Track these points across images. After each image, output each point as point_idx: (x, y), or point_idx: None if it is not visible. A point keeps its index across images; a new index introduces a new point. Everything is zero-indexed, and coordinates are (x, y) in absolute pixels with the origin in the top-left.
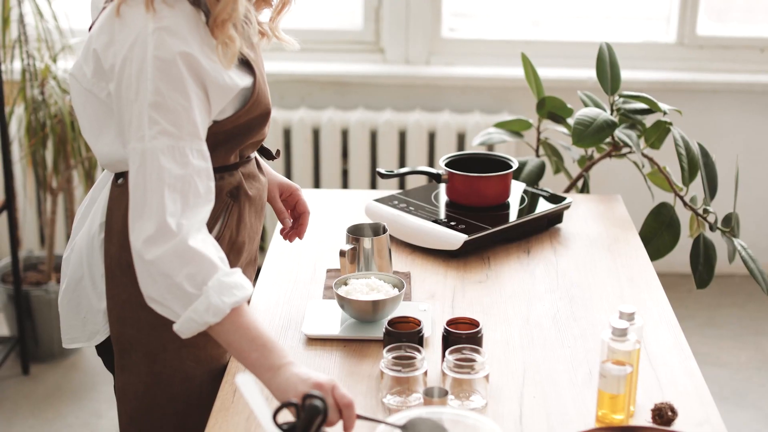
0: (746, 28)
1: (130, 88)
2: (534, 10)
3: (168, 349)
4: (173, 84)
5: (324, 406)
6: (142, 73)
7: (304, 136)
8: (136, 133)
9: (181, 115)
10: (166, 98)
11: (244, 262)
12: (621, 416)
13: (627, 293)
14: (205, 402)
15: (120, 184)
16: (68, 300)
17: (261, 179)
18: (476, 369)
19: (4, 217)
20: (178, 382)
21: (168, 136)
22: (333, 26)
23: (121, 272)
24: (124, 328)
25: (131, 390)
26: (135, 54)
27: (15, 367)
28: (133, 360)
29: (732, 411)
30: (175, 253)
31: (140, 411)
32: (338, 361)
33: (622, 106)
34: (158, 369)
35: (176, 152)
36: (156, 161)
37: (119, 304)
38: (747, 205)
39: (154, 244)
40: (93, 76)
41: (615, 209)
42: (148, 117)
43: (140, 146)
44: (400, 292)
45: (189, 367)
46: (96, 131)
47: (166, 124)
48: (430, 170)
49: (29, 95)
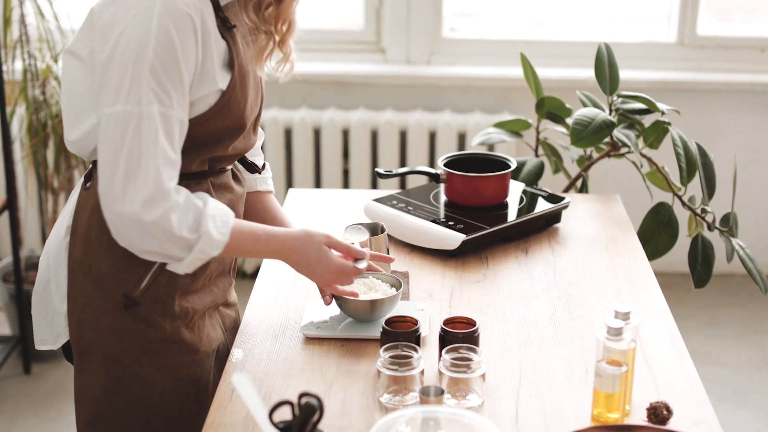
0: (747, 28)
1: (128, 49)
2: (535, 10)
3: (127, 354)
4: (173, 52)
5: (320, 405)
6: (145, 36)
7: (305, 135)
8: (131, 96)
9: (176, 85)
10: (165, 65)
11: (214, 273)
12: (616, 415)
13: (624, 293)
14: (168, 410)
15: (88, 187)
16: (38, 302)
17: (236, 190)
18: (473, 368)
19: (5, 217)
20: (138, 389)
21: (161, 104)
22: (334, 26)
23: (82, 275)
24: (83, 331)
25: (89, 393)
26: (139, 18)
27: (16, 366)
28: (92, 363)
29: (732, 410)
30: (171, 210)
31: (99, 415)
32: (336, 360)
33: (620, 106)
34: (117, 374)
35: (166, 120)
36: (153, 126)
37: (79, 307)
38: (746, 205)
39: (154, 206)
40: (80, 32)
41: (613, 209)
42: (146, 81)
43: (136, 109)
44: (398, 292)
45: (149, 374)
46: (75, 108)
47: (161, 92)
48: (429, 170)
49: (30, 95)
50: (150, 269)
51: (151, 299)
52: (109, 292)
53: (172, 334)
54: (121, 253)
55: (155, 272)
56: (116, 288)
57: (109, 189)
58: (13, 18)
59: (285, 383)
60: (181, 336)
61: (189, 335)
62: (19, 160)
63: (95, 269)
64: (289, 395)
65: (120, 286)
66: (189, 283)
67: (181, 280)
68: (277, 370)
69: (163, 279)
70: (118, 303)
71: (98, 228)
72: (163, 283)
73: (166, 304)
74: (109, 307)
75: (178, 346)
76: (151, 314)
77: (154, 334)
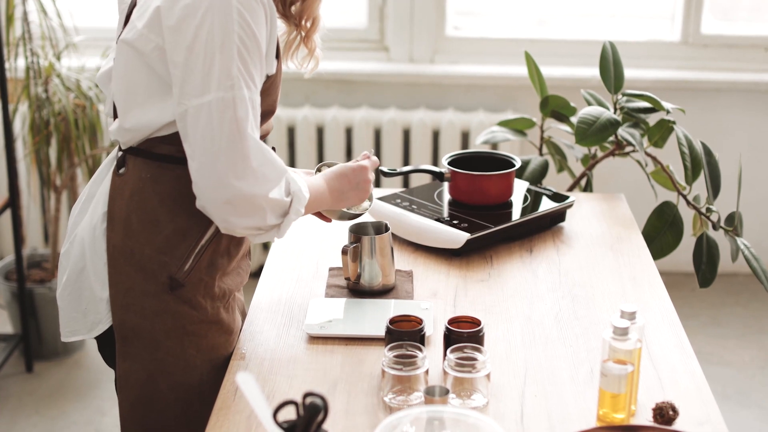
0: (751, 27)
1: (212, 38)
2: (539, 9)
3: (171, 336)
4: (253, 36)
5: (324, 405)
6: (228, 22)
7: (308, 134)
8: (222, 83)
9: (257, 68)
10: (249, 50)
11: (242, 254)
12: (622, 415)
13: (629, 292)
14: (206, 391)
15: (121, 173)
16: (69, 292)
17: None
18: (477, 368)
19: (8, 215)
20: (180, 371)
21: (248, 89)
22: (337, 24)
23: (124, 260)
24: (127, 315)
25: (133, 378)
26: (217, 6)
27: (19, 364)
28: (136, 348)
29: (736, 410)
30: (283, 182)
31: (142, 399)
32: (340, 359)
33: (625, 105)
34: (161, 356)
35: (253, 104)
36: (245, 108)
37: (122, 292)
38: (751, 204)
39: (269, 181)
40: (144, 27)
41: (618, 208)
42: (236, 66)
43: (229, 94)
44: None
45: (190, 356)
46: (125, 93)
47: (248, 77)
48: (433, 169)
49: (33, 93)
50: (194, 250)
51: (194, 280)
52: (152, 275)
53: (213, 315)
54: (163, 236)
55: (198, 253)
56: (160, 271)
57: (211, 176)
58: (16, 15)
59: (289, 382)
60: (219, 317)
61: (226, 316)
62: (21, 158)
63: (138, 253)
64: (293, 395)
65: (164, 269)
66: (226, 263)
67: (219, 261)
68: (281, 370)
69: (204, 260)
70: (162, 286)
71: (139, 212)
72: (204, 264)
73: (207, 285)
74: (153, 290)
75: (216, 327)
76: (194, 295)
77: (196, 316)
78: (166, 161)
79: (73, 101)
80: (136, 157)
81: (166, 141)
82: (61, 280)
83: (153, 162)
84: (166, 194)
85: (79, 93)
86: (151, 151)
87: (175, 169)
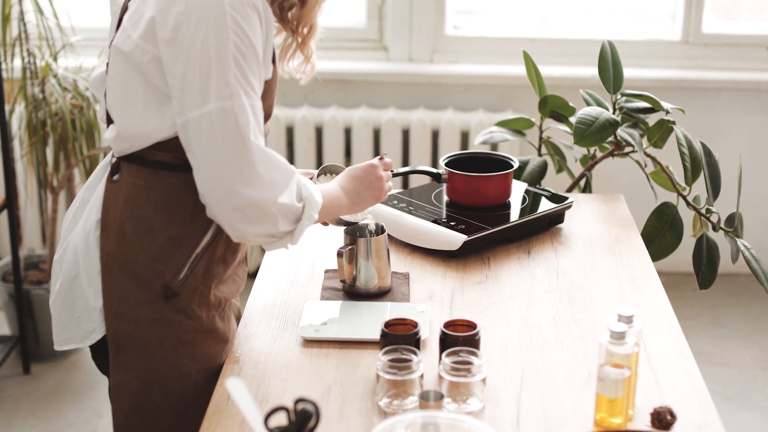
0: (751, 26)
1: (207, 47)
2: (538, 8)
3: (165, 345)
4: (249, 42)
5: (315, 411)
6: (222, 31)
7: (307, 134)
8: (221, 92)
9: (255, 74)
10: (246, 56)
11: (239, 261)
12: (619, 420)
13: (628, 294)
14: (200, 400)
15: (115, 180)
16: (62, 300)
17: None
18: (473, 372)
19: (5, 216)
20: (174, 380)
21: (247, 96)
22: (336, 24)
23: (118, 268)
24: (120, 324)
25: (127, 387)
26: (210, 15)
27: (16, 366)
28: (130, 357)
29: (736, 411)
30: (293, 187)
31: (136, 409)
32: (334, 363)
33: (624, 105)
34: (155, 366)
35: (254, 110)
36: (246, 116)
37: (116, 301)
38: (751, 205)
39: (279, 186)
40: (140, 38)
41: (617, 209)
42: (233, 75)
43: (229, 103)
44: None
45: (184, 365)
46: (122, 103)
47: (246, 84)
48: (431, 170)
49: (30, 93)
50: (188, 259)
51: (189, 289)
52: (146, 283)
53: (208, 324)
54: (158, 244)
55: (194, 261)
56: (154, 279)
57: (218, 186)
58: (13, 15)
59: (283, 386)
60: (215, 326)
61: (221, 325)
62: (18, 159)
63: (131, 261)
64: (286, 398)
65: (158, 277)
66: (222, 271)
67: (215, 269)
68: (275, 373)
69: (199, 269)
70: (156, 294)
71: (133, 220)
72: (199, 272)
73: (203, 294)
74: (147, 299)
75: (212, 336)
76: (189, 304)
77: (191, 325)
78: (161, 168)
79: (70, 101)
80: (131, 164)
81: (161, 148)
82: (54, 288)
83: (147, 169)
84: (160, 202)
85: (76, 93)
86: (146, 158)
87: (169, 177)
